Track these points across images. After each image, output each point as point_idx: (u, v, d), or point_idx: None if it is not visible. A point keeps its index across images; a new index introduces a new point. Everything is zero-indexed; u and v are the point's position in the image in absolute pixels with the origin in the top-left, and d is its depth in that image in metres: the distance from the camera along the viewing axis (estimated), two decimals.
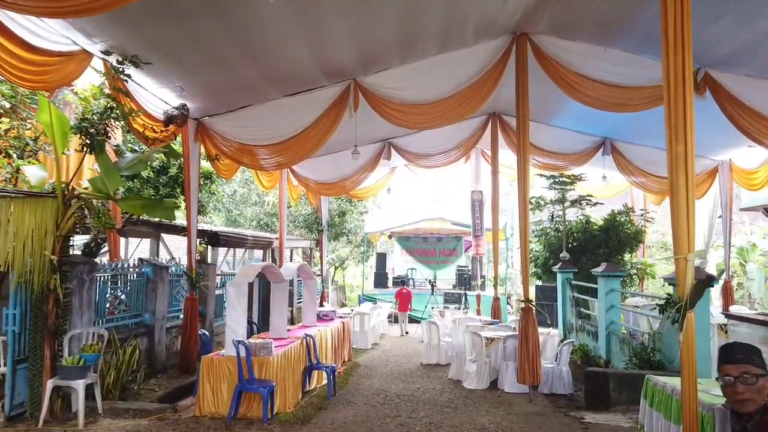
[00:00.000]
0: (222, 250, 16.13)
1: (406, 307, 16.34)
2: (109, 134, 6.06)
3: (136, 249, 16.14)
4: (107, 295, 7.24)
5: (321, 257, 17.07)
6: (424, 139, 12.72)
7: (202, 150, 8.64)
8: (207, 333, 7.37)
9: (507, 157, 18.47)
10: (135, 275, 7.72)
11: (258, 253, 17.88)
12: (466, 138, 12.77)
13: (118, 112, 6.04)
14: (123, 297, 7.49)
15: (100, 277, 6.97)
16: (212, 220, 15.65)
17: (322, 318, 10.83)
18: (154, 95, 6.85)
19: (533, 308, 7.83)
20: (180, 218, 9.87)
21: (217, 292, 10.27)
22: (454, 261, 25.10)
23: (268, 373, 6.28)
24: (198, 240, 8.97)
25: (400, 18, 6.69)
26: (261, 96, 8.03)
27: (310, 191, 14.12)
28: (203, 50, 6.25)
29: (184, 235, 8.98)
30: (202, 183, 8.98)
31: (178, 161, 8.42)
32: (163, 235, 11.26)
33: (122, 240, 16.82)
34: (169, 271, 8.41)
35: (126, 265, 7.63)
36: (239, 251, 18.69)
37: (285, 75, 7.56)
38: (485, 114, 12.53)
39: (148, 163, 6.92)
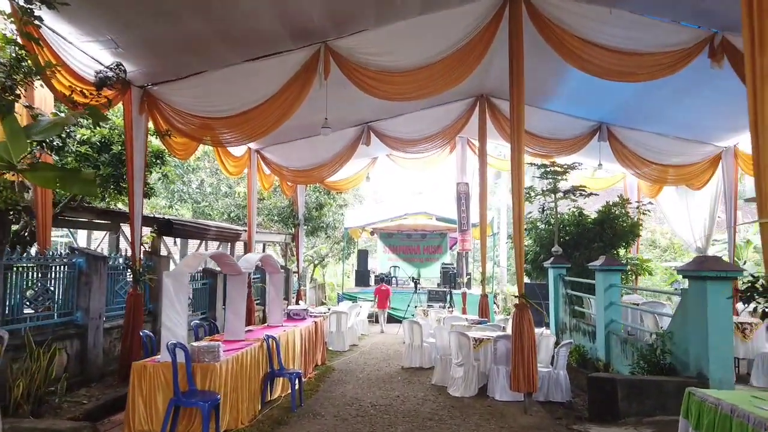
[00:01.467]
0: (193, 245, 15.00)
1: (385, 305, 16.02)
2: (19, 92, 4.94)
3: (99, 244, 14.99)
4: (26, 290, 6.11)
5: (297, 253, 16.00)
6: (407, 123, 11.73)
7: (151, 125, 7.54)
8: (151, 334, 6.27)
9: (493, 147, 17.60)
10: (63, 267, 6.58)
11: (238, 248, 16.77)
12: (451, 122, 11.79)
13: (30, 65, 4.93)
14: (44, 292, 6.35)
15: (15, 268, 5.83)
16: (178, 212, 14.54)
17: (292, 317, 9.78)
18: (82, 51, 5.73)
19: (529, 305, 6.85)
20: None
21: None
22: (438, 258, 24.13)
23: (213, 382, 5.21)
24: (148, 229, 7.84)
25: None
26: (217, 60, 6.95)
27: (284, 179, 13.04)
28: None
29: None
30: (151, 162, 7.88)
31: (122, 137, 7.30)
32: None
33: (84, 233, 15.61)
34: (110, 262, 7.28)
35: (51, 255, 6.48)
36: (213, 246, 17.63)
37: (243, 33, 6.49)
38: (472, 96, 11.57)
39: (67, 126, 5.79)
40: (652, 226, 26.06)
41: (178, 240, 12.62)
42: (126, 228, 9.90)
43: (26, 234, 7.43)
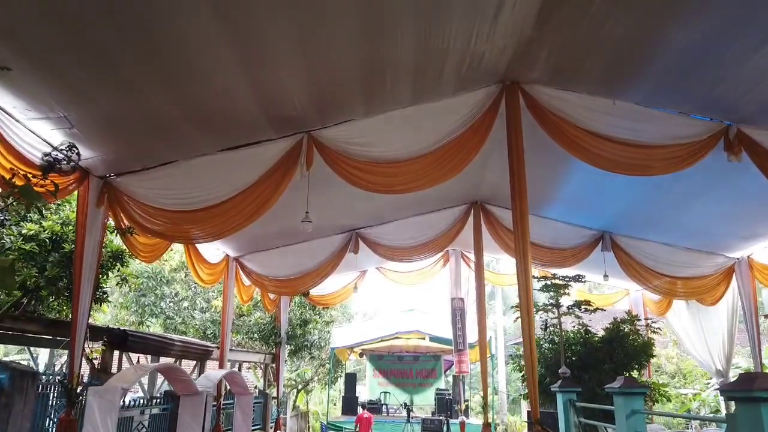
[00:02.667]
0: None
1: None
2: None
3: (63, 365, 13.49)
4: None
5: (277, 375, 14.50)
6: (397, 230, 11.06)
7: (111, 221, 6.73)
8: None
9: (488, 261, 16.84)
10: None
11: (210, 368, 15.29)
12: (444, 230, 11.13)
13: None
14: None
15: None
16: (150, 328, 13.29)
17: None
18: (28, 128, 5.07)
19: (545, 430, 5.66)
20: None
21: (128, 414, 7.75)
22: (432, 383, 22.34)
23: None
24: (98, 342, 6.73)
25: (362, 54, 5.27)
26: (189, 148, 6.33)
27: (265, 290, 12.03)
28: (96, 59, 4.60)
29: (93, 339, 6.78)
30: (107, 263, 6.97)
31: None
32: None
33: (46, 352, 14.15)
34: (42, 380, 6.08)
35: None
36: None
37: (218, 118, 5.94)
38: (466, 203, 11.03)
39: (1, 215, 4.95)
40: (656, 350, 24.70)
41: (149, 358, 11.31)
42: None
43: None
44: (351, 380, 19.82)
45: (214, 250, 9.90)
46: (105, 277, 6.95)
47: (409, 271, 15.73)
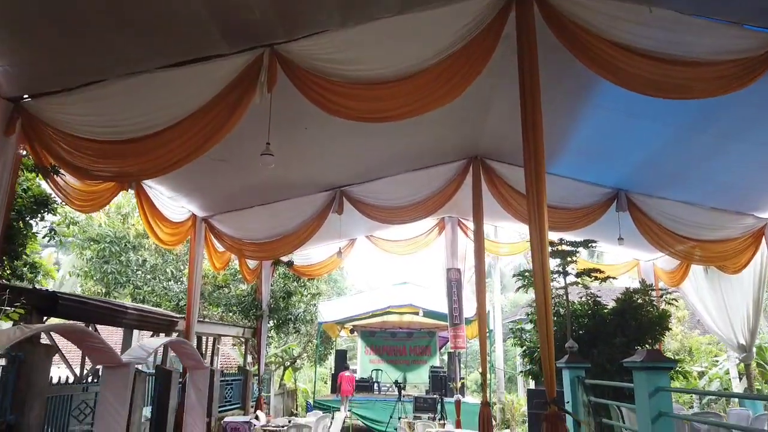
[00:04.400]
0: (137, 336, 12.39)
1: (350, 391, 15.60)
2: None
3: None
4: None
5: (258, 351, 13.41)
6: (387, 188, 9.84)
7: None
8: None
9: (486, 230, 15.67)
10: None
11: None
12: (440, 188, 9.92)
13: None
14: None
15: None
16: (117, 299, 12.09)
17: None
18: None
19: (566, 415, 4.55)
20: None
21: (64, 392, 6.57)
22: (427, 361, 21.37)
23: None
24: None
25: None
26: (121, 63, 5.06)
27: (241, 256, 10.85)
28: None
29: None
30: (28, 208, 5.74)
31: None
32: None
33: None
34: None
35: None
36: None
37: (157, 24, 4.67)
38: (464, 158, 9.80)
39: None
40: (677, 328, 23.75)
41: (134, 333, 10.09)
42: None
43: None
44: (341, 357, 18.78)
45: (177, 208, 8.68)
46: (24, 226, 5.74)
47: (402, 239, 14.58)
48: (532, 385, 15.71)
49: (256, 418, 12.26)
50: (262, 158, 5.43)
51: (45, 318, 6.00)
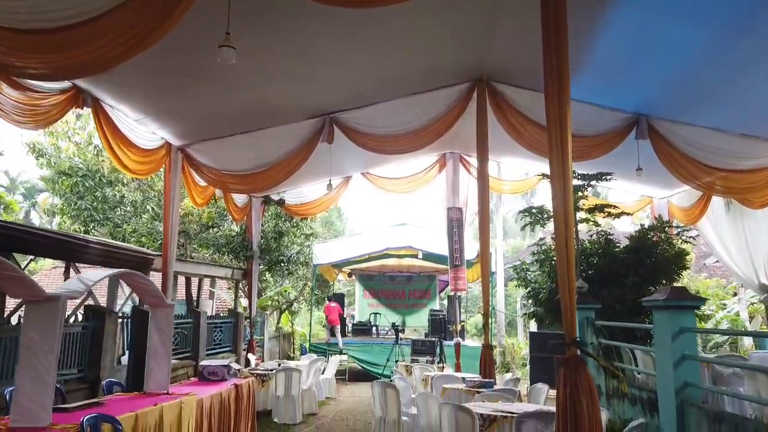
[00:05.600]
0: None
1: (336, 321, 15.78)
2: None
3: None
4: None
5: (250, 292, 12.79)
6: (382, 114, 8.87)
7: None
8: None
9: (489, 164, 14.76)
10: None
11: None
12: (441, 114, 8.95)
13: None
14: None
15: None
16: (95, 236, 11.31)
17: (206, 377, 6.59)
18: None
19: (588, 356, 3.83)
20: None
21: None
22: (426, 304, 20.93)
23: None
24: None
25: None
26: None
27: (225, 189, 10.03)
28: None
29: None
30: None
31: None
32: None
33: None
34: None
35: None
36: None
37: None
38: (468, 80, 8.80)
39: None
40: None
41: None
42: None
43: None
44: (339, 301, 18.28)
45: (147, 134, 7.78)
46: None
47: (400, 177, 13.72)
48: (532, 328, 15.23)
49: (247, 361, 11.78)
50: (220, 52, 4.48)
51: None
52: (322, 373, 11.49)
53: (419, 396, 5.91)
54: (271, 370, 9.25)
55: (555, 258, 10.88)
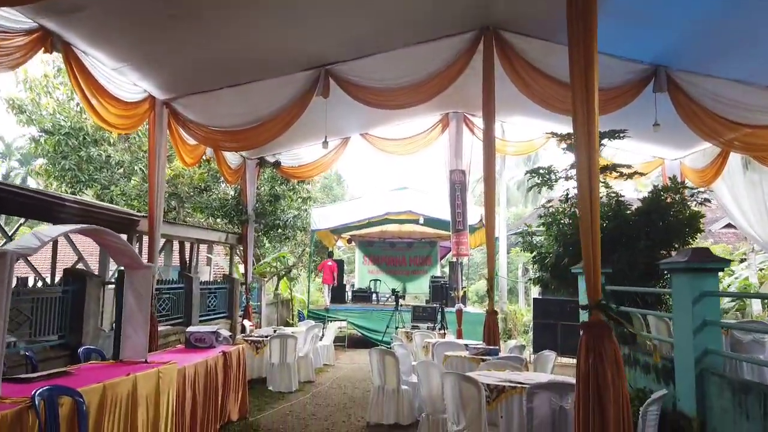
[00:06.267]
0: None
1: (329, 280, 16.09)
2: None
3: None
4: None
5: (245, 257, 12.36)
6: (381, 65, 8.25)
7: None
8: None
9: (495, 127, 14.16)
10: None
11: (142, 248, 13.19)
12: (444, 66, 8.32)
13: None
14: None
15: None
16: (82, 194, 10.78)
17: (193, 344, 6.20)
18: None
19: (612, 318, 3.40)
20: None
21: None
22: (427, 271, 20.62)
23: None
24: None
25: None
26: None
27: (216, 147, 9.51)
28: None
29: None
30: None
31: None
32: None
33: None
34: None
35: None
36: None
37: None
38: (473, 29, 8.16)
39: None
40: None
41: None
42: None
43: None
44: (339, 267, 17.91)
45: (127, 85, 7.20)
46: None
47: (401, 138, 13.13)
48: (534, 294, 14.87)
49: (243, 327, 11.43)
50: None
51: None
52: (320, 340, 11.16)
53: (420, 364, 5.51)
54: (266, 336, 8.88)
55: (562, 221, 10.45)
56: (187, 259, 12.47)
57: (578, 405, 3.28)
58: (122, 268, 5.06)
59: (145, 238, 8.37)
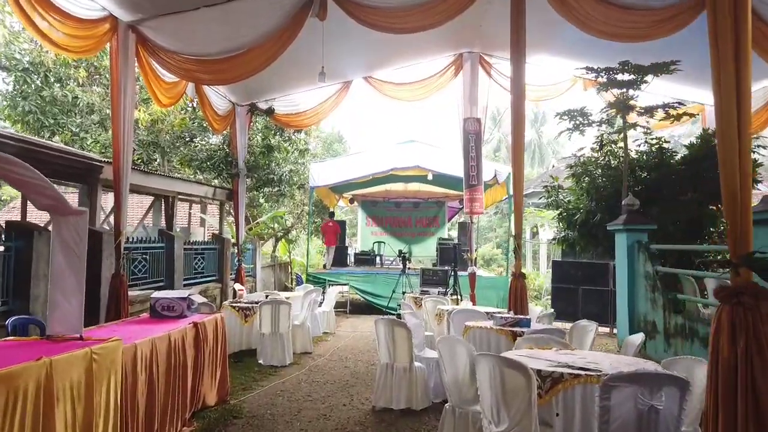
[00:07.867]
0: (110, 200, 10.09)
1: (332, 241, 15.57)
2: None
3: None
4: None
5: (236, 216, 11.16)
6: None
7: None
8: None
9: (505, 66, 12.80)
10: None
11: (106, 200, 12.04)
12: None
13: None
14: None
15: None
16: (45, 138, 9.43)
17: (159, 313, 5.04)
18: None
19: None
20: None
21: None
22: (434, 233, 19.44)
23: None
24: None
25: None
26: None
27: (197, 81, 8.20)
28: None
29: None
30: None
31: None
32: None
33: None
34: None
35: None
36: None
37: None
38: None
39: None
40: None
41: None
42: None
43: None
44: (341, 228, 16.73)
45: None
46: None
47: (409, 82, 11.73)
48: (543, 256, 13.73)
49: (234, 292, 10.33)
50: None
51: None
52: (319, 306, 10.05)
53: (443, 341, 4.34)
54: (257, 303, 7.74)
55: (595, 172, 9.18)
56: (181, 223, 11.30)
57: (712, 409, 2.11)
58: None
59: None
